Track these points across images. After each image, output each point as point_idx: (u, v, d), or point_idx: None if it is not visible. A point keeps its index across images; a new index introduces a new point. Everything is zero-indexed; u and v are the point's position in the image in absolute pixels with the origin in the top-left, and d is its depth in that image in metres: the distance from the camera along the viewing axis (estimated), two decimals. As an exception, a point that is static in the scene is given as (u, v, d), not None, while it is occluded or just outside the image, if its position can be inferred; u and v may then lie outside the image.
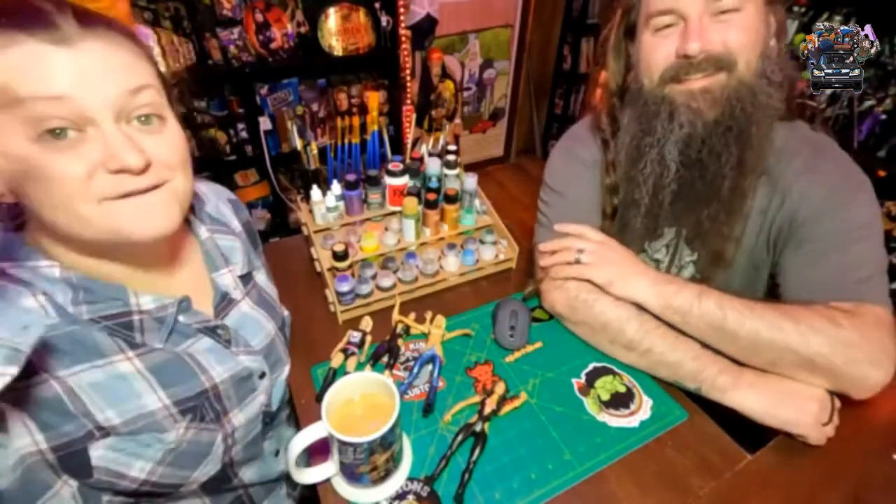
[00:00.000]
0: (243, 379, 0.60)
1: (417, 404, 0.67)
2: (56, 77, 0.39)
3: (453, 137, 2.83)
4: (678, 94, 0.66)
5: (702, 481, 0.58)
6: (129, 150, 0.43)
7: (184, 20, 1.72)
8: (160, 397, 0.50)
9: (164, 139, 0.47)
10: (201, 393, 0.54)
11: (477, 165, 3.18)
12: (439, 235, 0.87)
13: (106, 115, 0.42)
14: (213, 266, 0.62)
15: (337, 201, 0.83)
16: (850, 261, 0.64)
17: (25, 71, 0.39)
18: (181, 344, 0.54)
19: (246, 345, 0.61)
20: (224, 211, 0.70)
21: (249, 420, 0.62)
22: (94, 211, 0.43)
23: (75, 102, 0.40)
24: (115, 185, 0.43)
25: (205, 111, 1.94)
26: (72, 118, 0.40)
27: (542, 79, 3.06)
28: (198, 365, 0.54)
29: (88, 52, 0.41)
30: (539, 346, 0.76)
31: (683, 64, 0.64)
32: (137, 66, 0.45)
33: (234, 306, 0.63)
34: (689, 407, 0.67)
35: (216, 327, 0.58)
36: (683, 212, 0.74)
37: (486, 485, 0.58)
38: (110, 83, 0.42)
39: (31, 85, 0.39)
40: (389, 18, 2.03)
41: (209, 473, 0.56)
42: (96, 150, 0.42)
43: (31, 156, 0.40)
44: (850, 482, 0.59)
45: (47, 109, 0.39)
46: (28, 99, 0.39)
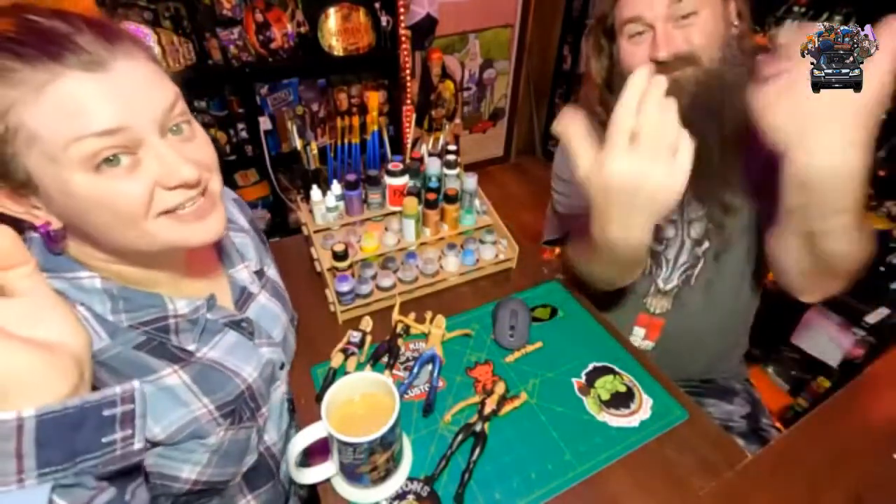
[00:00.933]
0: (269, 373, 0.62)
1: (417, 404, 0.67)
2: (102, 110, 0.39)
3: (453, 137, 2.83)
4: None
5: (702, 481, 0.58)
6: (183, 165, 0.44)
7: (184, 20, 1.72)
8: (205, 404, 0.52)
9: (199, 143, 0.48)
10: (239, 395, 0.56)
11: (477, 165, 3.18)
12: (439, 235, 0.87)
13: (153, 133, 0.42)
14: (229, 263, 0.65)
15: (337, 201, 0.83)
16: None
17: (73, 109, 0.38)
18: (210, 341, 0.56)
19: (268, 336, 0.64)
20: (231, 209, 0.72)
21: (274, 410, 0.64)
22: (156, 225, 0.45)
23: (130, 130, 0.40)
24: (174, 198, 0.45)
25: (205, 111, 1.94)
26: (125, 144, 0.41)
27: (542, 79, 3.06)
28: (230, 370, 0.56)
29: (124, 75, 0.41)
30: (539, 346, 0.76)
31: (656, 67, 0.72)
32: (161, 76, 0.45)
33: (253, 300, 0.65)
34: (690, 407, 0.67)
35: (241, 321, 0.60)
36: (688, 190, 0.80)
37: (486, 485, 0.58)
38: (153, 101, 0.42)
39: (83, 123, 0.38)
40: (389, 18, 2.03)
41: (249, 463, 0.60)
42: (152, 169, 0.43)
43: (93, 187, 0.40)
44: (850, 482, 0.59)
45: (103, 143, 0.39)
46: (82, 137, 0.38)
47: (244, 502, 0.62)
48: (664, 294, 0.92)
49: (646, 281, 0.93)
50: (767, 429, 0.91)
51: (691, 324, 0.92)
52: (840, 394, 0.63)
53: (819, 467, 0.60)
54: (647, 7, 0.70)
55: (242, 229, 0.70)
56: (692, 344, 0.94)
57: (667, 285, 0.91)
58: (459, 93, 2.79)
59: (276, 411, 0.65)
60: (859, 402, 0.61)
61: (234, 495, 0.61)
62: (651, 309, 0.93)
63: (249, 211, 0.76)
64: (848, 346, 1.47)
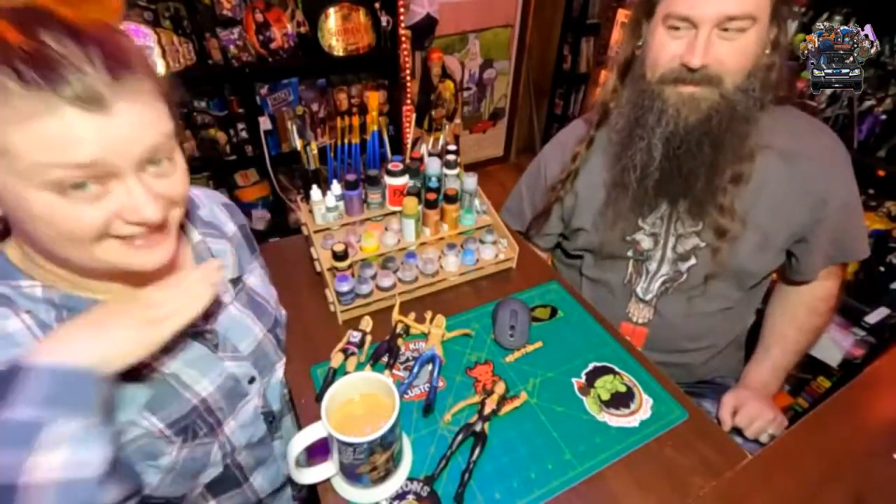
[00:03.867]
0: (231, 387, 0.60)
1: (417, 404, 0.67)
2: (87, 146, 0.38)
3: (453, 137, 2.83)
4: (670, 95, 0.75)
5: (702, 481, 0.58)
6: (149, 204, 0.43)
7: (184, 20, 1.72)
8: (152, 423, 0.51)
9: (174, 179, 0.47)
10: (191, 410, 0.54)
11: (477, 165, 3.18)
12: (439, 235, 0.87)
13: (130, 169, 0.42)
14: None
15: (337, 201, 0.83)
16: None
17: (55, 142, 0.37)
18: (168, 352, 0.53)
19: (233, 349, 0.61)
20: (219, 215, 0.69)
21: (245, 425, 0.62)
22: (104, 250, 0.44)
23: (104, 166, 0.39)
24: (130, 230, 0.44)
25: (205, 111, 1.94)
26: (97, 175, 0.40)
27: (542, 79, 3.07)
28: (181, 384, 0.54)
29: (120, 116, 0.39)
30: (539, 346, 0.76)
31: (682, 71, 0.73)
32: (160, 114, 0.44)
33: (223, 310, 0.63)
34: (690, 407, 0.67)
35: (204, 332, 0.58)
36: (663, 199, 0.84)
37: (486, 485, 0.58)
38: (139, 144, 0.41)
39: (58, 154, 0.37)
40: (389, 18, 2.03)
41: (212, 475, 0.59)
42: (117, 200, 0.42)
43: (50, 206, 0.39)
44: (850, 482, 0.58)
45: (73, 174, 0.38)
46: (53, 166, 0.37)
47: None
48: (645, 303, 0.93)
49: (627, 290, 0.94)
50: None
51: (674, 334, 0.93)
52: (840, 394, 0.63)
53: (819, 467, 0.60)
54: (703, 7, 0.68)
55: (224, 236, 0.67)
56: (677, 354, 0.94)
57: (646, 295, 0.92)
58: (459, 93, 2.79)
59: (248, 425, 0.63)
60: (859, 402, 0.61)
61: (197, 501, 0.60)
62: (633, 318, 0.94)
63: (242, 217, 0.74)
64: (848, 346, 1.47)
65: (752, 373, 0.93)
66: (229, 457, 0.60)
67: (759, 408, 0.84)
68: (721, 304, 0.89)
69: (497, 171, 3.26)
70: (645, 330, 0.94)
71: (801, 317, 0.93)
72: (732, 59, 0.70)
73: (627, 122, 0.82)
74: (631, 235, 0.90)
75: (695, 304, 0.89)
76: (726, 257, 0.82)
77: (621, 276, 0.94)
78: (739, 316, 0.94)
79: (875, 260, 1.39)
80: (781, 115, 0.80)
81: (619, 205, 0.87)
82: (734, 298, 0.89)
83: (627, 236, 0.91)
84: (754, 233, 0.82)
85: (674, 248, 0.88)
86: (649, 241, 0.89)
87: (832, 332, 1.49)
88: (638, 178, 0.82)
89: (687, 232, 0.86)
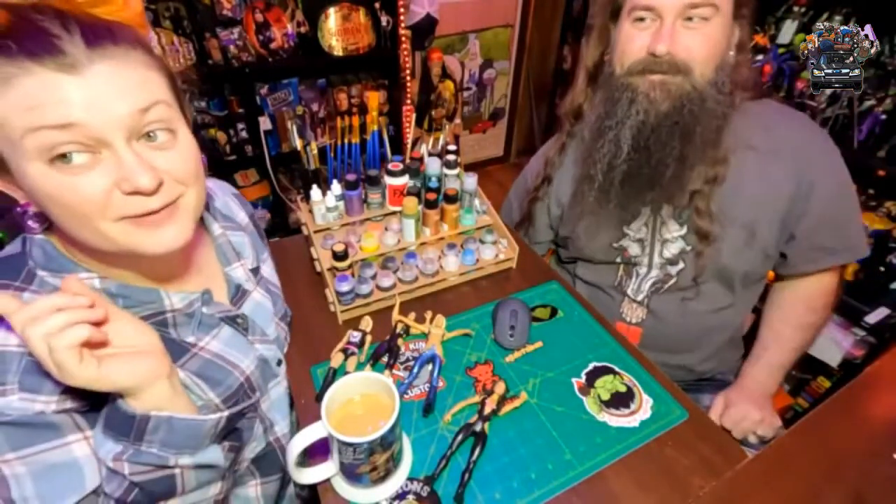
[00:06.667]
0: (263, 368, 0.63)
1: (417, 404, 0.67)
2: (66, 105, 0.39)
3: (453, 137, 2.83)
4: (640, 83, 0.76)
5: (702, 481, 0.58)
6: (142, 172, 0.43)
7: (184, 20, 1.72)
8: (211, 398, 0.54)
9: (176, 153, 0.47)
10: (240, 388, 0.58)
11: (477, 165, 3.18)
12: (439, 235, 0.87)
13: (118, 136, 0.42)
14: (225, 261, 0.65)
15: (337, 201, 0.83)
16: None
17: (34, 102, 0.38)
18: (208, 334, 0.57)
19: (262, 333, 0.65)
20: (231, 206, 0.73)
21: (276, 405, 0.67)
22: (113, 228, 0.44)
23: (86, 128, 0.40)
24: (130, 205, 0.44)
25: (205, 111, 1.94)
26: (84, 142, 0.40)
27: (542, 79, 3.06)
28: (230, 363, 0.58)
29: (98, 77, 0.40)
30: (539, 346, 0.76)
31: (650, 60, 0.74)
32: (148, 80, 0.44)
33: (248, 297, 0.66)
34: (690, 407, 0.67)
35: (236, 317, 0.61)
36: (630, 192, 0.83)
37: (486, 485, 0.58)
38: (121, 104, 0.41)
39: (39, 115, 0.38)
40: (389, 18, 2.03)
41: (255, 451, 0.63)
42: (111, 171, 0.42)
43: (48, 179, 0.40)
44: (850, 482, 0.58)
45: (58, 137, 0.39)
46: (38, 128, 0.39)
47: (254, 484, 0.66)
48: (637, 303, 0.93)
49: (618, 291, 0.95)
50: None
51: (668, 334, 0.93)
52: (840, 394, 0.63)
53: (819, 467, 0.60)
54: None
55: (240, 227, 0.71)
56: (674, 354, 0.95)
57: (637, 296, 0.93)
58: (459, 93, 2.79)
59: (281, 406, 0.67)
60: (859, 402, 0.61)
61: (246, 478, 0.64)
62: (627, 318, 0.94)
63: (250, 207, 0.78)
64: (848, 346, 1.47)
65: (748, 372, 0.93)
66: (270, 432, 0.65)
67: (746, 409, 0.84)
68: (714, 304, 0.89)
69: (497, 171, 3.26)
70: (639, 329, 0.94)
71: (797, 314, 0.92)
72: (698, 47, 0.71)
73: (598, 117, 0.83)
74: (618, 242, 0.92)
75: (688, 305, 0.90)
76: (709, 259, 0.82)
77: (612, 279, 0.96)
78: (734, 316, 0.93)
79: (875, 260, 1.39)
80: (756, 111, 0.81)
81: (586, 199, 0.88)
82: (727, 299, 0.89)
83: (614, 243, 0.92)
84: (740, 230, 0.81)
85: (661, 252, 0.89)
86: (637, 247, 0.90)
87: (832, 332, 1.49)
88: (604, 171, 0.82)
89: (673, 237, 0.87)
